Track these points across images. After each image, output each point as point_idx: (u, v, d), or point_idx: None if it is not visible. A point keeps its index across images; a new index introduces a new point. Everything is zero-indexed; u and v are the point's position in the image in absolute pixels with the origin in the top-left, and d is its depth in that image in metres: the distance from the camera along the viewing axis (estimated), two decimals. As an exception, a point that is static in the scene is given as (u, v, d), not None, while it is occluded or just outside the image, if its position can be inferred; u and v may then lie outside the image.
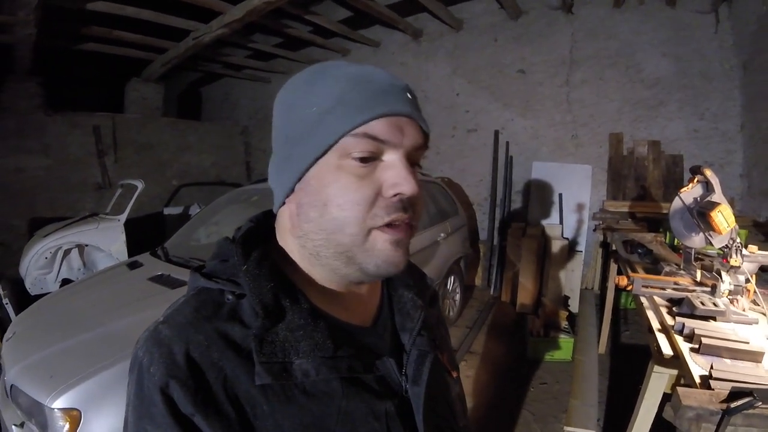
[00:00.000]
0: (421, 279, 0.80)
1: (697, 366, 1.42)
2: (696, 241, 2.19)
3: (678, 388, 1.26)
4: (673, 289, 2.04)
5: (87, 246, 4.90)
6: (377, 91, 0.56)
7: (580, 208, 5.31)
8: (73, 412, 1.72)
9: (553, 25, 5.55)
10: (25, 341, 2.22)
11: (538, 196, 5.61)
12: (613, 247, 3.49)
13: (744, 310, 1.82)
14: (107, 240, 4.88)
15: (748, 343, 1.51)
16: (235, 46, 7.14)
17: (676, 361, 1.61)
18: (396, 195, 0.56)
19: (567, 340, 3.75)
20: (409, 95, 0.59)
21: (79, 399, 1.74)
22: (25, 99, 6.05)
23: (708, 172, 2.14)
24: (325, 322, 0.58)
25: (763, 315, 1.79)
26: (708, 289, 1.94)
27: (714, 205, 1.97)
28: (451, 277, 4.42)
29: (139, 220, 6.02)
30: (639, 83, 5.14)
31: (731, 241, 1.94)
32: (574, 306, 4.69)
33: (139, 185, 5.16)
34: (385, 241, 0.56)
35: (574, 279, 4.88)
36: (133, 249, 4.73)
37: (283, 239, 0.64)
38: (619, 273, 3.07)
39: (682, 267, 2.36)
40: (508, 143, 5.83)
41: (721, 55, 4.68)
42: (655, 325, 1.84)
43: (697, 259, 2.40)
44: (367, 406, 0.56)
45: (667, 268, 2.38)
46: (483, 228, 6.23)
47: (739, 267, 1.90)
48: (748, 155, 4.57)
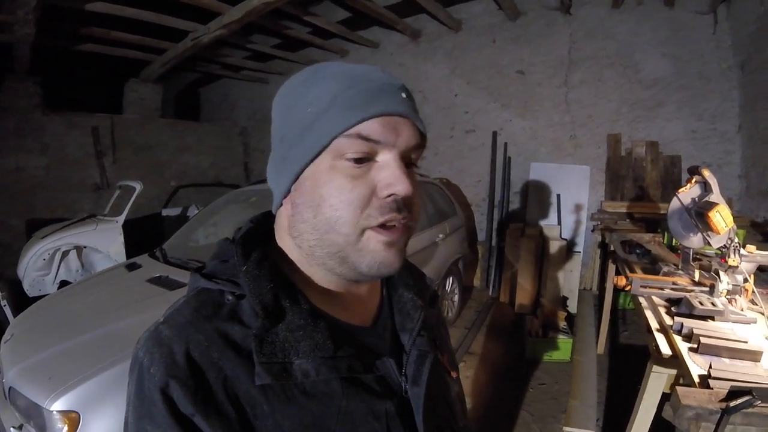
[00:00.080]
0: (421, 279, 0.79)
1: (696, 365, 1.42)
2: (694, 241, 2.19)
3: (677, 387, 1.26)
4: (672, 289, 2.05)
5: (85, 247, 4.89)
6: (371, 91, 0.56)
7: (578, 209, 5.32)
8: (72, 415, 1.71)
9: (552, 25, 5.56)
10: (23, 343, 2.21)
11: (536, 196, 5.62)
12: (612, 248, 3.50)
13: (742, 310, 1.83)
14: (105, 241, 4.87)
15: (746, 342, 1.51)
16: (234, 46, 7.13)
17: (675, 360, 1.61)
18: (390, 195, 0.56)
19: (566, 341, 3.74)
20: (405, 95, 0.58)
21: (77, 401, 1.74)
22: (23, 98, 6.04)
23: (706, 173, 2.14)
24: (325, 322, 0.58)
25: (762, 314, 1.79)
26: (706, 288, 1.95)
27: (712, 205, 1.97)
28: (450, 278, 4.42)
29: (137, 221, 6.01)
30: (637, 84, 5.15)
31: (729, 241, 1.95)
32: (573, 306, 4.69)
33: (138, 186, 5.15)
34: (378, 241, 0.56)
35: (572, 279, 4.88)
36: (132, 250, 4.73)
37: (282, 240, 0.64)
38: (617, 273, 3.08)
39: (680, 267, 2.37)
40: (506, 144, 5.84)
41: (720, 56, 4.70)
42: (653, 325, 1.84)
43: (695, 259, 2.41)
44: (367, 406, 0.56)
45: (665, 269, 2.38)
46: (481, 229, 6.23)
47: (737, 267, 1.91)
48: (746, 156, 4.58)
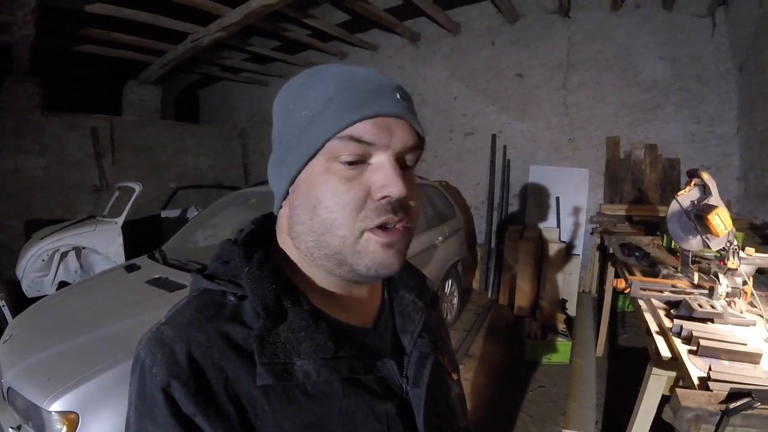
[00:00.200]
0: (422, 281, 0.79)
1: (696, 368, 1.42)
2: (693, 243, 2.19)
3: (677, 389, 1.26)
4: (671, 291, 2.05)
5: (84, 248, 4.88)
6: (364, 93, 0.56)
7: (577, 212, 5.33)
8: (71, 415, 1.71)
9: (550, 28, 5.58)
10: (22, 344, 2.21)
11: (535, 199, 5.63)
12: (611, 250, 3.50)
13: (741, 312, 1.83)
14: (104, 242, 4.86)
15: (745, 344, 1.51)
16: (233, 49, 7.14)
17: (675, 363, 1.61)
18: (384, 197, 0.55)
19: (565, 343, 3.74)
20: (400, 96, 0.58)
21: (76, 402, 1.73)
22: (23, 99, 6.04)
23: (705, 175, 2.14)
24: (327, 323, 0.58)
25: (761, 317, 1.80)
26: (705, 291, 1.95)
27: (711, 207, 1.98)
28: (449, 280, 4.42)
29: (137, 222, 6.02)
30: (636, 86, 5.16)
31: (728, 244, 1.95)
32: (572, 309, 4.68)
33: (137, 188, 5.15)
34: (376, 243, 0.56)
35: (571, 282, 4.88)
36: (131, 252, 4.72)
37: (283, 241, 0.65)
38: (616, 276, 3.08)
39: (679, 270, 2.37)
40: (505, 147, 5.85)
41: (718, 58, 4.72)
42: (653, 327, 1.84)
43: (694, 262, 2.41)
44: (368, 407, 0.56)
45: (664, 271, 2.38)
46: (480, 231, 6.23)
47: (736, 269, 1.91)
48: (744, 158, 4.59)
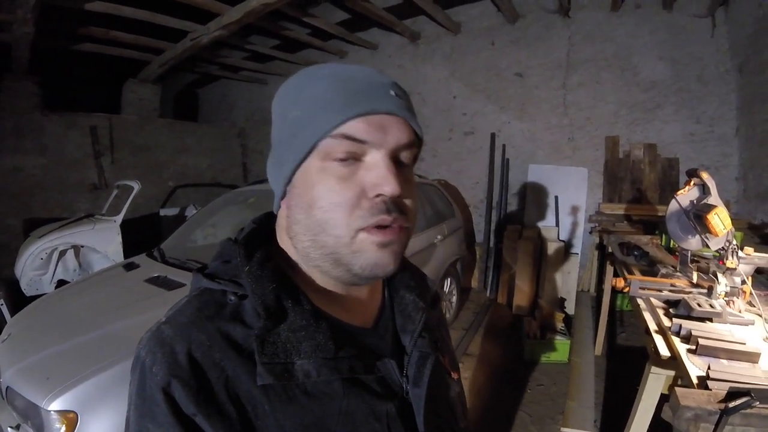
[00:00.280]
0: (422, 281, 0.79)
1: (695, 367, 1.43)
2: (692, 243, 2.20)
3: (676, 388, 1.26)
4: (670, 290, 2.05)
5: (83, 247, 4.87)
6: (355, 91, 0.56)
7: (576, 211, 5.33)
8: (70, 415, 1.71)
9: (550, 28, 5.58)
10: (20, 343, 2.21)
11: (534, 198, 5.63)
12: (609, 250, 3.51)
13: (740, 312, 1.83)
14: (103, 241, 4.86)
15: (744, 344, 1.52)
16: (233, 47, 7.13)
17: (674, 362, 1.61)
18: (378, 196, 0.55)
19: (563, 342, 3.75)
20: (394, 93, 0.58)
21: (75, 401, 1.73)
22: (22, 98, 6.02)
23: (705, 175, 2.15)
24: (327, 323, 0.58)
25: (759, 316, 1.80)
26: (704, 290, 1.95)
27: (710, 207, 1.98)
28: (448, 280, 4.42)
29: (135, 221, 6.01)
30: (635, 86, 5.16)
31: (727, 243, 1.95)
32: (571, 308, 4.69)
33: (136, 186, 5.14)
34: (372, 243, 0.55)
35: (570, 281, 4.88)
36: (129, 250, 4.72)
37: (282, 241, 0.65)
38: (615, 275, 3.08)
39: (678, 269, 2.37)
40: (504, 146, 5.84)
41: (717, 59, 4.72)
42: (652, 326, 1.84)
43: (693, 261, 2.42)
44: (368, 407, 0.56)
45: (663, 270, 2.39)
46: (479, 230, 6.24)
47: (735, 269, 1.92)
48: (743, 158, 4.59)
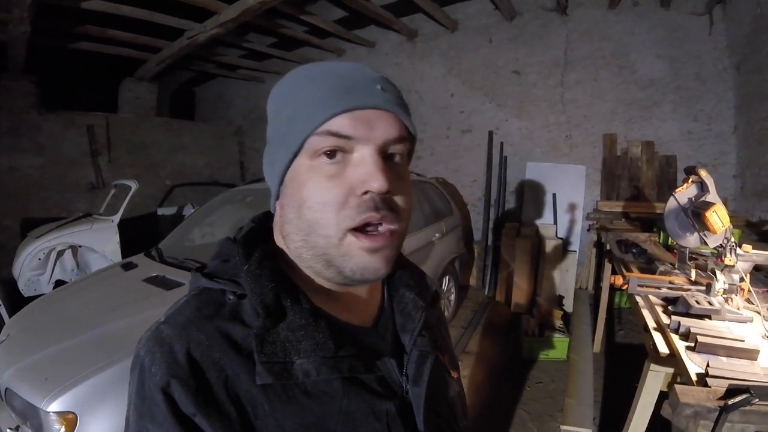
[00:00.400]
0: (422, 279, 0.79)
1: (694, 364, 1.43)
2: (691, 240, 2.20)
3: (676, 385, 1.26)
4: (669, 288, 2.05)
5: (80, 247, 4.86)
6: (342, 87, 0.55)
7: (573, 208, 5.34)
8: (69, 416, 1.70)
9: (548, 26, 5.57)
10: (18, 343, 2.20)
11: (532, 196, 5.63)
12: (608, 247, 3.51)
13: (739, 309, 1.84)
14: (101, 241, 4.84)
15: (743, 341, 1.52)
16: (230, 45, 7.11)
17: (672, 359, 1.62)
18: (366, 192, 0.55)
19: (562, 340, 3.76)
20: (381, 87, 0.57)
21: (74, 402, 1.72)
22: (19, 98, 6.00)
23: (703, 173, 2.15)
24: (326, 322, 0.58)
25: (758, 313, 1.80)
26: (703, 288, 1.96)
27: (709, 205, 1.98)
28: (446, 278, 4.42)
29: (133, 220, 5.99)
30: (633, 84, 5.17)
31: (726, 241, 1.96)
32: (569, 305, 4.70)
33: (133, 186, 5.13)
34: (360, 248, 0.55)
35: (568, 279, 4.89)
36: (127, 250, 4.71)
37: (278, 240, 0.64)
38: (613, 273, 3.09)
39: (676, 266, 2.38)
40: (502, 144, 5.84)
41: (715, 57, 4.72)
42: (650, 324, 1.84)
43: (691, 259, 2.42)
44: (368, 407, 0.56)
45: (662, 268, 2.39)
46: (477, 228, 6.24)
47: (733, 266, 1.92)
48: (741, 156, 4.60)
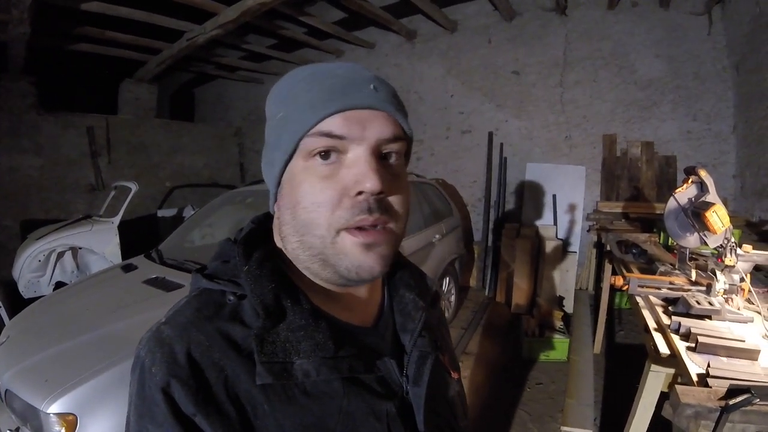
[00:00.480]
0: (422, 280, 0.79)
1: (694, 364, 1.43)
2: (691, 240, 2.20)
3: (676, 386, 1.26)
4: (669, 288, 2.06)
5: (80, 248, 4.85)
6: (333, 88, 0.56)
7: (573, 209, 5.33)
8: (69, 417, 1.70)
9: (547, 26, 5.58)
10: (18, 345, 2.20)
11: (532, 196, 5.63)
12: (608, 248, 3.51)
13: (739, 309, 1.84)
14: (101, 242, 4.83)
15: (743, 341, 1.52)
16: (229, 47, 7.11)
17: (673, 359, 1.62)
18: (360, 193, 0.54)
19: (562, 340, 3.75)
20: (374, 87, 0.57)
21: (74, 403, 1.72)
22: (18, 98, 5.98)
23: (703, 173, 2.15)
24: (326, 322, 0.58)
25: (758, 313, 1.80)
26: (703, 288, 1.96)
27: (709, 205, 1.98)
28: (446, 278, 4.42)
29: (133, 222, 5.99)
30: (632, 84, 5.17)
31: (726, 241, 1.96)
32: (569, 306, 4.70)
33: (133, 187, 5.12)
34: (353, 244, 0.55)
35: (568, 279, 4.89)
36: (127, 251, 4.71)
37: (277, 241, 0.64)
38: (614, 273, 3.09)
39: (677, 267, 2.38)
40: (502, 144, 5.83)
41: (714, 57, 4.73)
42: (651, 324, 1.84)
43: (691, 259, 2.42)
44: (368, 407, 0.56)
45: (662, 268, 2.39)
46: (477, 229, 6.24)
47: (734, 266, 1.92)
48: (740, 156, 4.60)
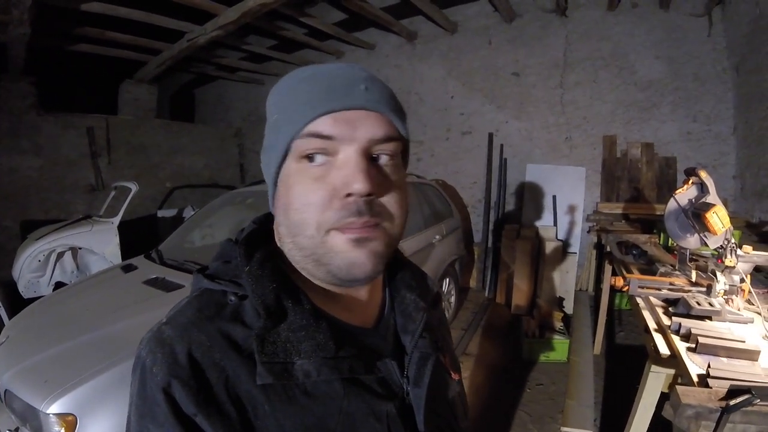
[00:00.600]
0: (423, 280, 0.79)
1: (695, 365, 1.43)
2: (691, 241, 2.20)
3: (677, 386, 1.26)
4: (669, 289, 2.06)
5: (80, 249, 4.85)
6: (326, 88, 0.55)
7: (573, 210, 5.33)
8: (69, 417, 1.70)
9: (547, 27, 5.58)
10: (18, 345, 2.20)
11: (532, 197, 5.63)
12: (608, 249, 3.51)
13: (739, 310, 1.84)
14: (101, 243, 4.83)
15: (744, 342, 1.52)
16: (229, 47, 7.12)
17: (673, 360, 1.62)
18: (350, 195, 0.54)
19: (562, 341, 3.75)
20: (366, 87, 0.57)
21: (74, 404, 1.72)
22: (18, 99, 5.98)
23: (703, 174, 2.15)
24: (327, 322, 0.58)
25: (758, 314, 1.80)
26: (703, 289, 1.96)
27: (709, 206, 1.98)
28: (447, 279, 4.42)
29: (133, 222, 5.99)
30: (632, 85, 5.17)
31: (726, 242, 1.95)
32: (569, 307, 4.70)
33: (133, 188, 5.12)
34: (343, 240, 0.54)
35: (568, 280, 4.89)
36: (127, 252, 4.71)
37: (279, 242, 0.64)
38: (614, 274, 3.09)
39: (677, 268, 2.38)
40: (502, 145, 5.84)
41: (714, 58, 4.73)
42: (651, 325, 1.84)
43: (691, 260, 2.42)
44: (368, 407, 0.56)
45: (662, 269, 2.39)
46: (477, 230, 6.24)
47: (734, 267, 1.92)
48: (740, 157, 4.60)
